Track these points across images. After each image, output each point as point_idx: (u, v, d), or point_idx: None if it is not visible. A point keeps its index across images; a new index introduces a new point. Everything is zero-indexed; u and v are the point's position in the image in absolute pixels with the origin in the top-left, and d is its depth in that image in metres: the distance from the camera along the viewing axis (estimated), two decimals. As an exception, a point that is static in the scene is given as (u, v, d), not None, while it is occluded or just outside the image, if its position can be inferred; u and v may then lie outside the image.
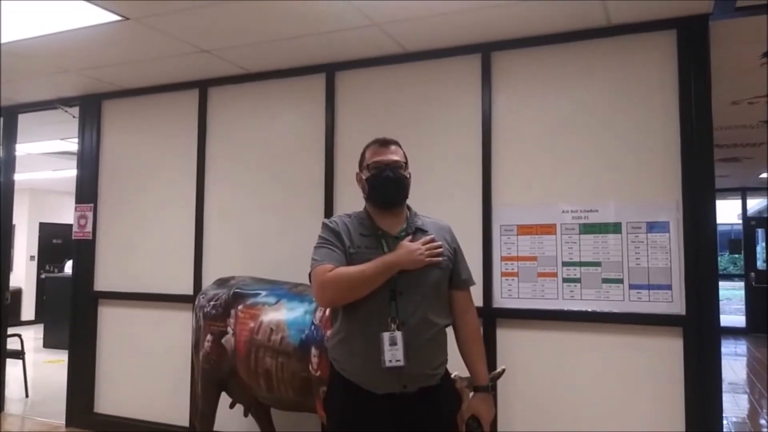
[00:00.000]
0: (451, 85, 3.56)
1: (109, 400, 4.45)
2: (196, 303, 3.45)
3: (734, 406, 5.54)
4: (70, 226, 4.74)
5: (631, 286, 3.11)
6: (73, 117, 4.84)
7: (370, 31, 3.31)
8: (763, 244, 10.53)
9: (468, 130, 3.49)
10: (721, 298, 3.16)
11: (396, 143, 2.18)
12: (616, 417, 3.08)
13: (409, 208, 2.19)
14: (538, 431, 3.22)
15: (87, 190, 4.65)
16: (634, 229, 3.12)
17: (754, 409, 5.56)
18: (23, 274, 10.63)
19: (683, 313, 2.99)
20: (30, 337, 8.27)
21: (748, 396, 6.00)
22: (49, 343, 8.25)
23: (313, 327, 2.91)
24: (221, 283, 3.45)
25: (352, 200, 3.31)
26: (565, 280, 3.23)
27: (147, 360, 4.31)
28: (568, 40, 3.30)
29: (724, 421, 3.61)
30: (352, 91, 3.83)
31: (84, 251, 4.61)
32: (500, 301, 3.34)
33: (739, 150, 6.75)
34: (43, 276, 10.36)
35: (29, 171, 8.48)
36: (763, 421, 5.13)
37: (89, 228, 4.59)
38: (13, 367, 5.55)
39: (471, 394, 2.17)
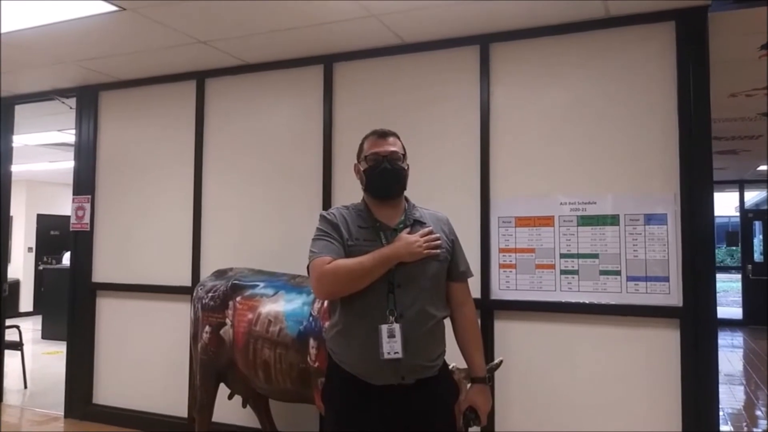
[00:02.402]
0: (449, 77, 3.55)
1: (108, 391, 4.46)
2: (195, 294, 3.45)
3: (730, 397, 5.57)
4: (68, 217, 4.73)
5: (629, 278, 3.11)
6: (70, 108, 4.82)
7: (369, 22, 3.29)
8: (761, 236, 10.52)
9: (466, 122, 3.48)
10: (718, 290, 3.17)
11: (394, 134, 2.18)
12: (613, 408, 3.10)
13: (407, 199, 2.19)
14: (536, 422, 3.24)
15: (84, 182, 4.64)
16: (632, 221, 3.12)
17: (750, 400, 5.59)
18: (21, 266, 10.63)
19: (680, 304, 3.00)
20: (28, 329, 8.30)
21: (745, 387, 6.03)
22: (47, 334, 8.26)
23: (311, 318, 2.92)
24: (219, 274, 3.45)
25: (350, 192, 3.31)
26: (562, 272, 3.23)
27: (145, 351, 4.31)
28: (566, 31, 3.29)
29: (721, 413, 3.63)
30: (350, 82, 3.81)
31: (82, 243, 4.61)
32: (498, 292, 3.35)
33: (737, 142, 6.75)
34: (41, 267, 10.36)
35: (26, 162, 8.47)
36: (759, 413, 5.16)
37: (87, 219, 4.59)
38: (11, 358, 5.56)
39: (468, 385, 2.18)
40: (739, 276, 10.56)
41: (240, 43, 3.67)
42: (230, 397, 3.44)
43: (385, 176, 2.09)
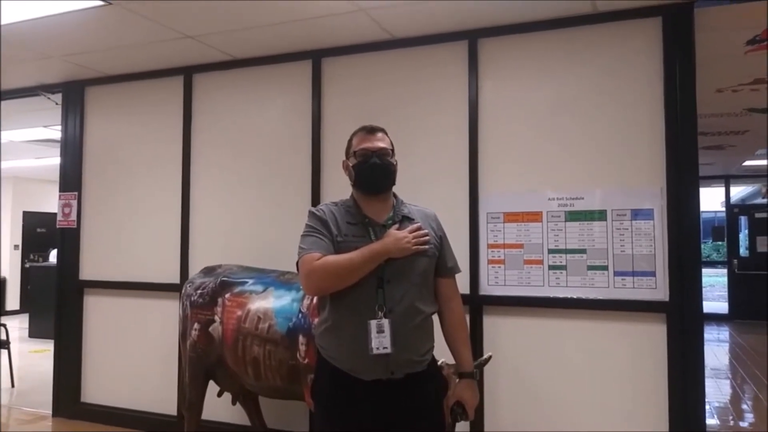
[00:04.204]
0: (438, 72, 3.55)
1: (96, 390, 4.43)
2: (183, 291, 3.43)
3: (717, 391, 5.62)
4: (55, 214, 4.69)
5: (616, 273, 3.13)
6: (56, 104, 4.77)
7: (357, 17, 3.29)
8: (746, 231, 10.62)
9: (455, 117, 3.48)
10: (704, 284, 3.20)
11: (383, 130, 2.18)
12: (600, 401, 3.12)
13: (395, 196, 2.20)
14: (524, 416, 3.26)
15: (71, 178, 4.61)
16: (619, 216, 3.14)
17: (736, 394, 5.65)
18: (7, 264, 10.53)
19: (667, 299, 3.03)
20: (15, 327, 8.24)
21: (731, 381, 6.09)
22: (34, 332, 8.19)
23: (300, 315, 2.92)
24: (208, 271, 3.44)
25: (339, 188, 3.30)
26: (551, 268, 3.25)
27: (134, 349, 4.29)
28: (554, 27, 3.30)
29: (707, 406, 3.66)
30: (338, 77, 3.80)
31: (69, 240, 4.58)
32: (487, 288, 3.36)
33: (723, 138, 6.81)
34: (27, 265, 10.26)
35: (12, 159, 8.37)
36: (745, 406, 5.22)
37: (74, 216, 4.55)
38: (-2, 357, 5.52)
39: (456, 380, 2.18)
40: (725, 271, 10.64)
41: (228, 38, 3.65)
42: (219, 394, 3.43)
43: (374, 171, 2.09)
